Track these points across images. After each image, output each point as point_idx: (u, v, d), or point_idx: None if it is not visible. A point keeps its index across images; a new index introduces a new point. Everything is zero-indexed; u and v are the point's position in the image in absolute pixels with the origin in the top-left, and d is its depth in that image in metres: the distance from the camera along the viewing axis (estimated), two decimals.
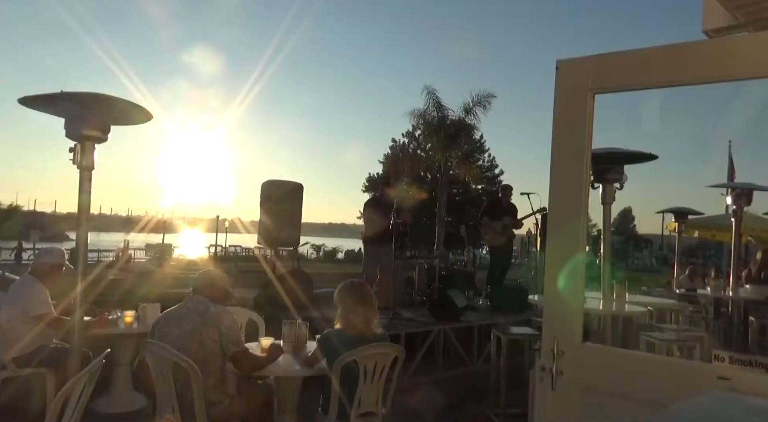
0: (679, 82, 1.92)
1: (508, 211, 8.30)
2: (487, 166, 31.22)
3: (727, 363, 1.83)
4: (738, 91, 2.87)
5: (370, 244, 7.17)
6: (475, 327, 6.51)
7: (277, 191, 6.56)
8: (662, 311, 6.13)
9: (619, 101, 2.29)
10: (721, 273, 9.02)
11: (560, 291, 2.08)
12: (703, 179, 30.05)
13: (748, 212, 7.07)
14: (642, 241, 48.21)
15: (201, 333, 2.96)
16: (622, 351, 2.26)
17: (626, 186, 3.61)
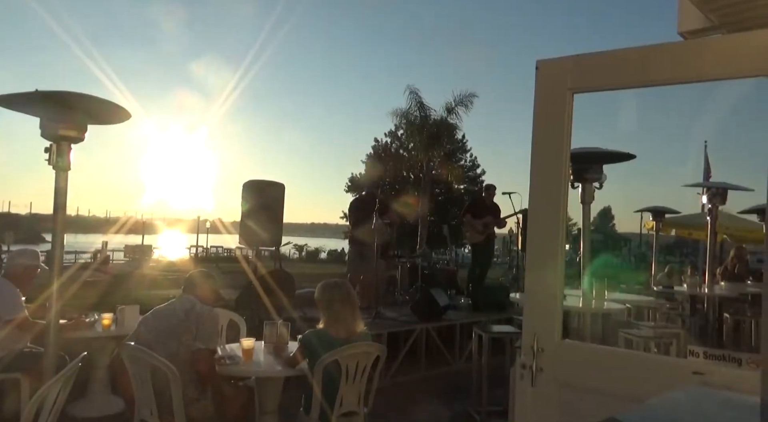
0: (656, 82, 1.96)
1: (491, 210, 8.37)
2: (469, 165, 31.37)
3: (701, 359, 1.86)
4: (713, 92, 2.94)
5: (355, 244, 7.16)
6: (457, 325, 6.54)
7: (258, 191, 6.51)
8: (640, 308, 6.23)
9: (597, 101, 2.32)
10: (697, 271, 9.19)
11: (540, 289, 2.10)
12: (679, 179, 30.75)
13: (723, 211, 7.22)
14: (621, 240, 48.91)
15: (182, 328, 2.97)
16: (600, 347, 2.30)
17: (605, 185, 3.66)
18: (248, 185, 6.57)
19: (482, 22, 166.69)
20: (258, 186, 6.61)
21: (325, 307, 3.11)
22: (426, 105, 21.65)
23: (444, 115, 21.67)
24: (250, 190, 6.52)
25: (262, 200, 6.41)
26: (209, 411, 2.96)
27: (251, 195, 6.46)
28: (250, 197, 6.45)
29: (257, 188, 6.57)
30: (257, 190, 6.53)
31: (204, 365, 2.97)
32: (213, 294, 3.34)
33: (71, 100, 2.61)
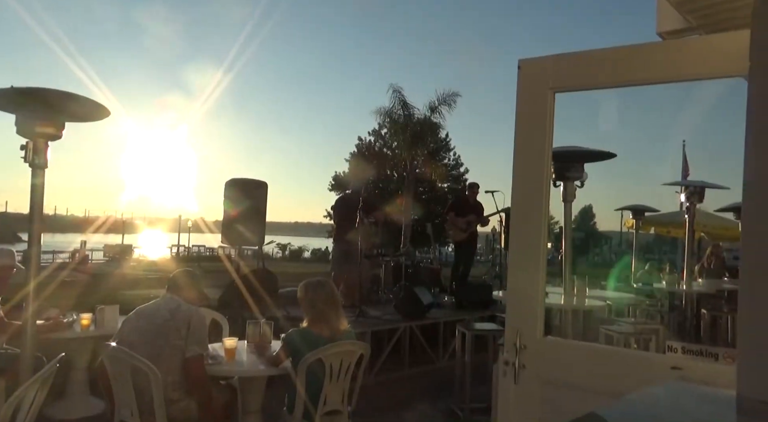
0: (635, 82, 1.98)
1: (474, 208, 8.42)
2: (453, 164, 31.48)
3: (680, 354, 1.90)
4: (691, 92, 2.99)
5: (340, 243, 7.13)
6: (440, 323, 6.57)
7: (240, 190, 6.46)
8: (620, 305, 6.32)
9: (579, 100, 2.35)
10: (675, 268, 9.35)
11: (522, 287, 2.12)
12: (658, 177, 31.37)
13: (700, 209, 7.36)
14: (602, 238, 49.60)
15: (168, 328, 2.93)
16: (581, 344, 2.33)
17: (587, 184, 3.70)
18: (231, 184, 6.51)
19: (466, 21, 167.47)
20: (241, 184, 6.56)
21: (309, 306, 3.11)
22: (409, 104, 21.70)
23: (427, 114, 21.73)
24: (232, 188, 6.46)
25: (244, 199, 6.36)
26: (192, 412, 2.93)
27: (234, 193, 6.41)
28: (233, 196, 6.39)
29: (240, 187, 6.51)
30: (240, 189, 6.47)
31: (199, 370, 2.94)
32: (198, 294, 3.31)
33: (48, 97, 2.56)
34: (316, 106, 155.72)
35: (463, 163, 31.95)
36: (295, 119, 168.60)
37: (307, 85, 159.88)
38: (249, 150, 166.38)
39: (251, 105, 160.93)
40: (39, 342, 2.99)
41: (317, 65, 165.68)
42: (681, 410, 0.97)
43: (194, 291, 3.25)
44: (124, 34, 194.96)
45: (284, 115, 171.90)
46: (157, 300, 3.15)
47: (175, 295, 3.14)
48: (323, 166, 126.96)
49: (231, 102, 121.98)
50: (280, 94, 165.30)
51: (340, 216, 7.17)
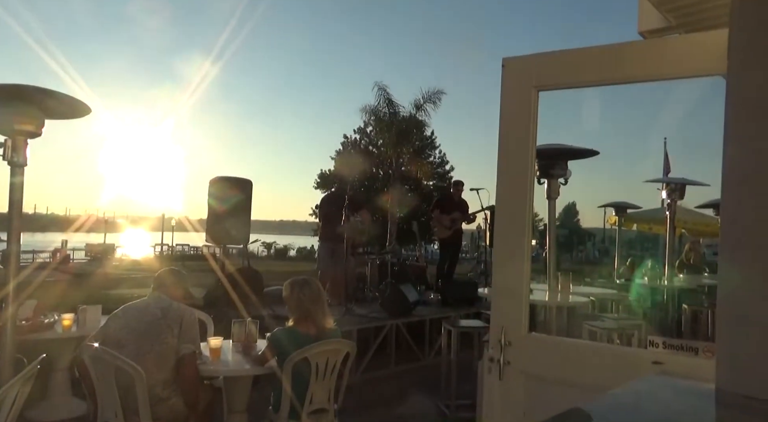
0: (617, 80, 2.01)
1: (458, 206, 8.46)
2: (438, 162, 31.59)
3: (661, 349, 1.93)
4: (672, 91, 3.03)
5: (326, 241, 7.11)
6: (426, 321, 6.59)
7: (225, 188, 6.42)
8: (604, 301, 6.40)
9: (562, 98, 2.37)
10: (657, 264, 9.47)
11: (507, 284, 2.13)
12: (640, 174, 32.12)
13: (681, 206, 7.47)
14: (585, 235, 50.15)
15: (160, 326, 2.91)
16: (565, 339, 2.35)
17: (570, 181, 3.74)
18: (215, 182, 6.46)
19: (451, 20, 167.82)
20: (225, 182, 6.52)
21: (294, 305, 3.09)
22: (395, 102, 21.70)
23: (413, 111, 21.76)
24: (217, 186, 6.42)
25: (229, 197, 6.32)
26: (179, 410, 2.91)
27: (219, 192, 6.37)
28: (218, 194, 6.35)
29: (224, 185, 6.47)
30: (225, 187, 6.43)
31: (192, 367, 2.92)
32: (184, 293, 3.28)
33: (27, 94, 2.52)
34: (301, 103, 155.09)
35: (449, 161, 32.11)
36: (280, 117, 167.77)
37: (293, 83, 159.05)
38: (234, 148, 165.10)
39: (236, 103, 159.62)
40: (19, 343, 2.94)
41: (303, 63, 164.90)
42: (661, 403, 0.99)
43: (180, 290, 3.24)
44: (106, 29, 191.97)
45: (270, 113, 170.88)
46: (146, 298, 3.12)
47: (162, 294, 3.11)
48: (309, 164, 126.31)
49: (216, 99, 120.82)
50: (265, 92, 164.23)
51: (326, 214, 7.16)
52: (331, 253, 6.97)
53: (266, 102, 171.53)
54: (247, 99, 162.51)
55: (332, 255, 6.95)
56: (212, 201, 6.37)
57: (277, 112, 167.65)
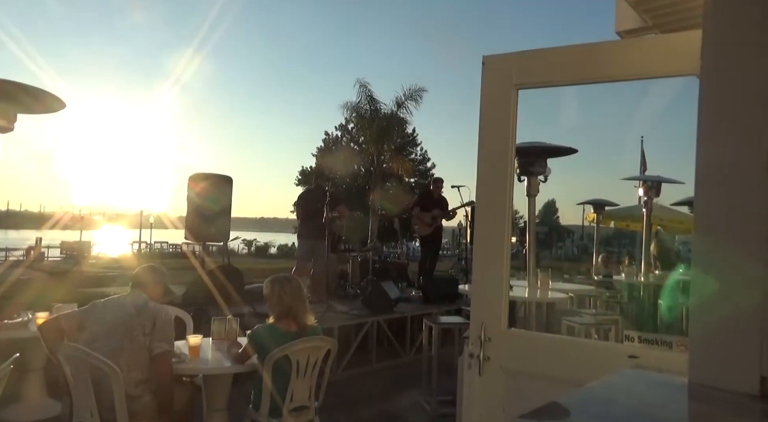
0: (595, 79, 2.04)
1: (438, 203, 8.49)
2: (420, 159, 31.65)
3: (636, 343, 1.97)
4: (649, 89, 3.09)
5: (305, 238, 7.08)
6: (407, 318, 6.61)
7: (205, 184, 6.35)
8: (582, 297, 6.50)
9: (542, 97, 2.39)
10: (634, 261, 9.64)
11: (487, 280, 2.15)
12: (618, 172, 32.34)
13: (657, 203, 7.61)
14: (565, 231, 50.75)
15: (133, 324, 2.88)
16: (544, 335, 2.38)
17: (550, 178, 3.79)
18: (195, 178, 6.39)
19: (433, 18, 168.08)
20: (205, 179, 6.45)
21: (275, 302, 3.08)
22: (376, 99, 21.67)
23: (394, 109, 21.75)
24: (197, 183, 6.34)
25: (209, 194, 6.26)
26: (152, 408, 2.87)
27: (198, 188, 6.29)
28: (197, 191, 6.28)
29: (204, 181, 6.40)
30: (204, 184, 6.36)
31: (166, 367, 2.89)
32: (163, 290, 3.24)
33: None
34: (283, 100, 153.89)
35: (430, 158, 32.19)
36: (261, 113, 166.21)
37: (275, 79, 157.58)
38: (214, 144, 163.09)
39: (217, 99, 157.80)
40: None
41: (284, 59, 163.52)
42: (636, 396, 1.01)
43: (159, 288, 3.20)
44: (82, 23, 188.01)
45: (250, 109, 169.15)
46: (125, 294, 3.10)
47: (141, 291, 3.08)
48: (290, 160, 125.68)
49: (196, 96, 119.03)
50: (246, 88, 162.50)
51: (304, 211, 7.11)
52: (309, 250, 6.94)
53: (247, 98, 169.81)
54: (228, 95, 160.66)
55: (310, 252, 6.92)
56: (192, 198, 6.30)
57: (258, 108, 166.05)
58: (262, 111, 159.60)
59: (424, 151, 31.99)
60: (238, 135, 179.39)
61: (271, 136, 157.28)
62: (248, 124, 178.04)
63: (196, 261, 6.48)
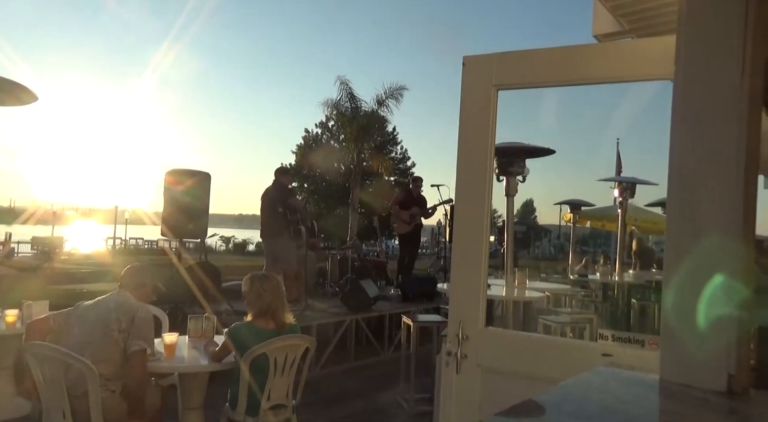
0: (573, 81, 2.07)
1: (418, 201, 8.53)
2: (400, 157, 31.71)
3: (610, 341, 2.01)
4: (624, 93, 3.14)
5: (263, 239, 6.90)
6: (386, 316, 6.63)
7: (182, 180, 6.27)
8: (558, 296, 6.59)
9: (521, 98, 2.42)
10: (609, 260, 9.80)
11: (465, 279, 2.17)
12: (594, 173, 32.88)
13: (632, 204, 7.76)
14: (542, 231, 51.35)
15: (109, 319, 2.83)
16: (520, 333, 2.41)
17: (528, 178, 3.84)
18: (172, 174, 6.30)
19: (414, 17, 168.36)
20: (182, 175, 6.37)
21: (254, 299, 3.06)
22: (357, 96, 21.62)
23: (375, 107, 21.74)
24: (174, 178, 6.26)
25: (187, 189, 6.18)
26: (114, 408, 2.81)
27: (175, 184, 6.21)
28: (174, 186, 6.20)
29: (182, 177, 6.32)
30: (182, 179, 6.28)
31: (140, 366, 2.83)
32: (150, 290, 3.19)
33: None
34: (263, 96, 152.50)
35: (410, 157, 32.27)
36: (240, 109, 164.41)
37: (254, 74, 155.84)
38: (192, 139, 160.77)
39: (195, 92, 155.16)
40: None
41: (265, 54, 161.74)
42: (609, 393, 1.03)
43: (147, 288, 3.15)
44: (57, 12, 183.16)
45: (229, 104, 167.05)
46: (111, 293, 3.06)
47: (126, 291, 3.04)
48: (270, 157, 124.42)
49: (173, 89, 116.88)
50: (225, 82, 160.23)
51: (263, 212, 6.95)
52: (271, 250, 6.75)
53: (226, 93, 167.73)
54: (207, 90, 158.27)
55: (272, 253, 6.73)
56: (169, 193, 6.21)
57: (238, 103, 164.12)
58: (241, 106, 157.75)
59: (404, 149, 32.08)
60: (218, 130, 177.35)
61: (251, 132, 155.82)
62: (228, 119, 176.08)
63: (174, 257, 6.40)
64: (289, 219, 6.45)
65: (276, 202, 6.45)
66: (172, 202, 6.18)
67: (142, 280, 3.13)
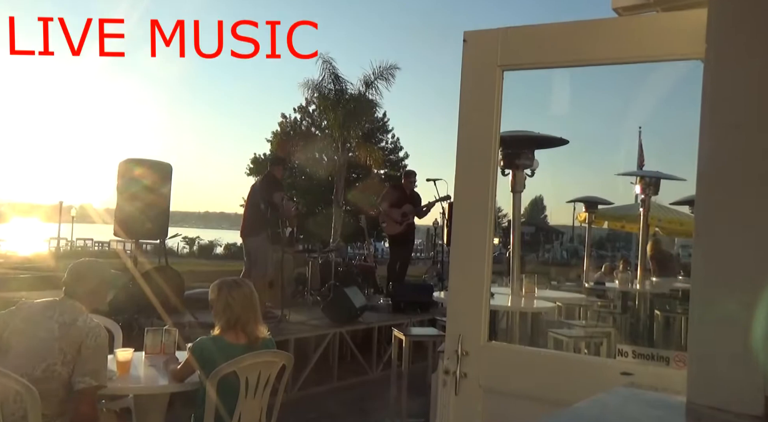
0: (589, 61, 2.07)
1: (411, 198, 8.53)
2: (391, 148, 31.75)
3: (630, 358, 2.02)
4: (647, 74, 3.16)
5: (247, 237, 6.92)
6: (375, 329, 6.65)
7: (139, 172, 6.22)
8: (571, 306, 6.63)
9: (530, 80, 2.42)
10: (629, 266, 9.87)
11: (465, 287, 2.17)
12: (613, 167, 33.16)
13: (655, 202, 7.81)
14: (553, 233, 51.66)
15: (52, 348, 2.68)
16: (528, 349, 2.42)
17: (537, 172, 3.85)
18: (127, 164, 6.25)
19: None
20: (139, 165, 6.32)
21: (222, 310, 3.05)
22: (342, 77, 21.57)
23: (362, 89, 21.71)
24: (129, 170, 6.21)
25: (144, 183, 6.14)
26: None
27: (130, 176, 6.16)
28: (130, 179, 6.15)
29: (138, 168, 6.27)
30: (139, 171, 6.23)
31: (88, 407, 2.71)
32: (105, 295, 3.09)
33: None
34: (233, 76, 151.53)
35: (403, 147, 32.33)
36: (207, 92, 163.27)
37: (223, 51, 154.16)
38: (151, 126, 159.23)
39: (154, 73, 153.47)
40: None
41: None
42: (629, 417, 1.04)
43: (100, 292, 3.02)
44: None
45: (195, 86, 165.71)
46: (53, 302, 2.89)
47: (75, 300, 2.87)
48: (241, 147, 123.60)
49: (129, 70, 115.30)
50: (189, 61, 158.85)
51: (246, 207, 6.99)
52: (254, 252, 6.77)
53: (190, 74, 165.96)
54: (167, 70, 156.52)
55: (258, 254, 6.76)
56: (123, 187, 6.16)
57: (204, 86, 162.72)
58: (208, 89, 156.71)
59: (396, 138, 32.13)
60: (180, 116, 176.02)
61: (219, 119, 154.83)
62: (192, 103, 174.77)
63: (128, 261, 6.36)
64: (268, 219, 6.44)
65: (258, 197, 6.44)
66: (126, 196, 6.13)
67: (93, 286, 2.98)
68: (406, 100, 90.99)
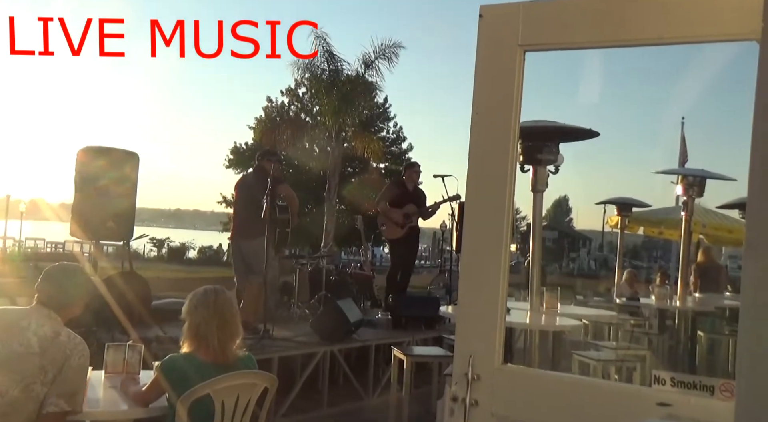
0: (624, 42, 2.07)
1: (414, 197, 8.52)
2: (393, 138, 31.78)
3: (668, 387, 2.02)
4: (692, 58, 3.16)
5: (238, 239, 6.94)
6: (371, 347, 6.64)
7: (100, 162, 6.22)
8: (599, 325, 6.64)
9: (555, 62, 2.43)
10: (668, 279, 9.87)
11: (477, 301, 2.17)
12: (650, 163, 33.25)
13: (699, 205, 7.80)
14: (579, 239, 51.83)
15: (32, 367, 2.70)
16: (549, 374, 2.42)
17: (562, 169, 3.85)
18: (87, 153, 6.25)
19: None
20: (101, 154, 6.32)
21: (195, 323, 3.05)
22: (337, 56, 21.58)
23: (361, 70, 21.71)
24: (89, 159, 6.21)
25: (106, 175, 6.14)
26: None
27: (91, 167, 6.16)
28: (89, 170, 6.15)
29: (100, 157, 6.27)
30: (99, 161, 6.24)
31: None
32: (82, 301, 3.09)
33: None
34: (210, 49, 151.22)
35: (406, 137, 32.36)
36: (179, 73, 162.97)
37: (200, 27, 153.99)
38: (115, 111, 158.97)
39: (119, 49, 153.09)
40: None
41: None
42: None
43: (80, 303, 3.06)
44: None
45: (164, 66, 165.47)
46: (26, 310, 2.91)
47: (50, 310, 2.87)
48: (219, 135, 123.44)
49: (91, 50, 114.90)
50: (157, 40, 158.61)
51: (241, 205, 6.99)
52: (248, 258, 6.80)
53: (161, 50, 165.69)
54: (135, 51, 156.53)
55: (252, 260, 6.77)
56: (81, 179, 6.16)
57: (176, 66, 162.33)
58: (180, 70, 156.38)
59: (398, 127, 32.15)
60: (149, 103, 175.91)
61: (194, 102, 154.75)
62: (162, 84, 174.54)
63: (87, 265, 6.36)
64: (275, 218, 6.37)
65: (257, 193, 6.37)
66: (86, 191, 6.13)
67: (71, 295, 3.00)
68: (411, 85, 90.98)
